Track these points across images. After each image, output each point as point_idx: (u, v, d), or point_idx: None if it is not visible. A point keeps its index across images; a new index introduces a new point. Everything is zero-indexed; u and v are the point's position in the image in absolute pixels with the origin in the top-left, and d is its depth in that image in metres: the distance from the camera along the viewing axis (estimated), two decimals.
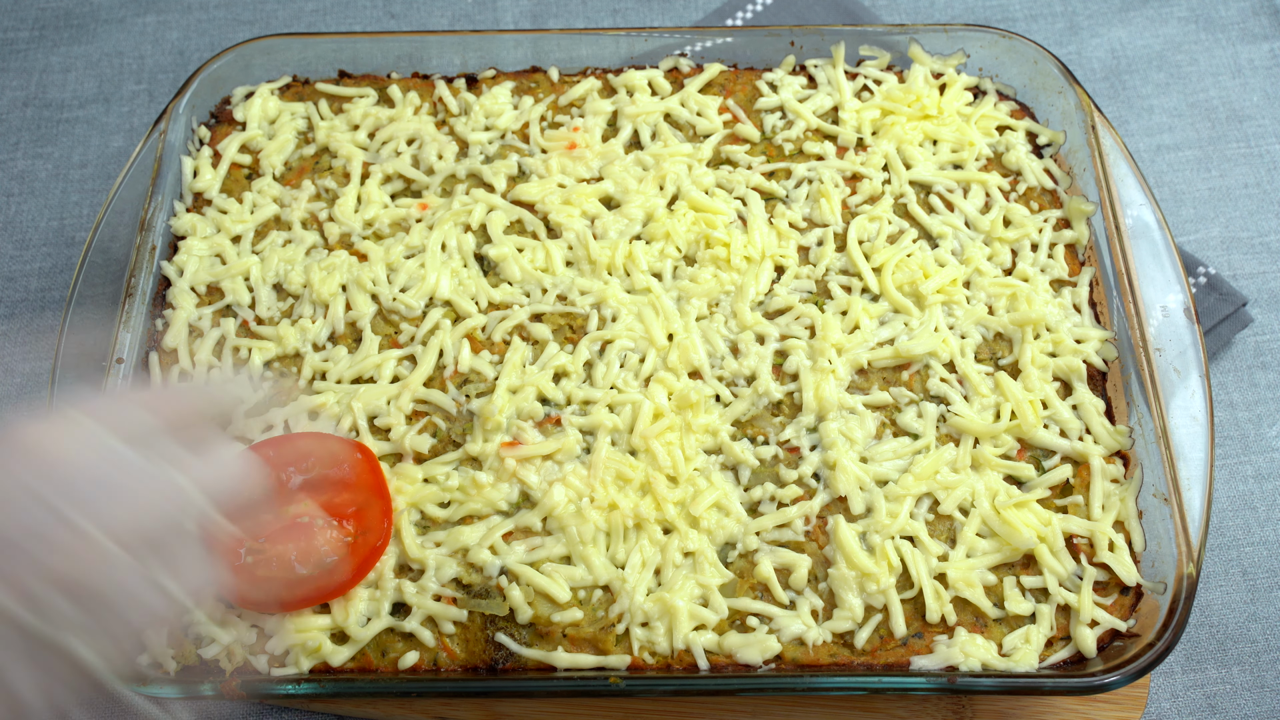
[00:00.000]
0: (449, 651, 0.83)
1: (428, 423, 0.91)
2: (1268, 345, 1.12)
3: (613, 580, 0.84)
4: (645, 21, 1.33)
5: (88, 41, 1.32)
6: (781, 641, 0.82)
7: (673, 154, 1.04)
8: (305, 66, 1.11)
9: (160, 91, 1.28)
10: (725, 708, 0.89)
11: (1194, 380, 0.90)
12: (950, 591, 0.84)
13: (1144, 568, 0.86)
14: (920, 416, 0.91)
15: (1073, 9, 1.33)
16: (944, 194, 1.02)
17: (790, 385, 0.92)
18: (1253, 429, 1.07)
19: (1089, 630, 0.82)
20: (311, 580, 0.82)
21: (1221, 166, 1.22)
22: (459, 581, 0.85)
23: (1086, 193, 1.01)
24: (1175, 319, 0.93)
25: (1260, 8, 1.31)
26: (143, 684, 0.79)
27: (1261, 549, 1.01)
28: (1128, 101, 1.27)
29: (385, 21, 1.33)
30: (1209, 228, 1.18)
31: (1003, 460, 0.89)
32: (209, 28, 1.33)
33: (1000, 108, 1.08)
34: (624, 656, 0.82)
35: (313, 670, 0.82)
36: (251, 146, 1.07)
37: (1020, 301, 0.95)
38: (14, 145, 1.24)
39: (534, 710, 0.90)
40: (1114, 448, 0.90)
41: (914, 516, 0.86)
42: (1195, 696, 0.95)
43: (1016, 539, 0.85)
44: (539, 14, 1.33)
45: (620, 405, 0.90)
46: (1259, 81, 1.27)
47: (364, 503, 0.85)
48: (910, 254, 0.98)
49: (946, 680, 0.79)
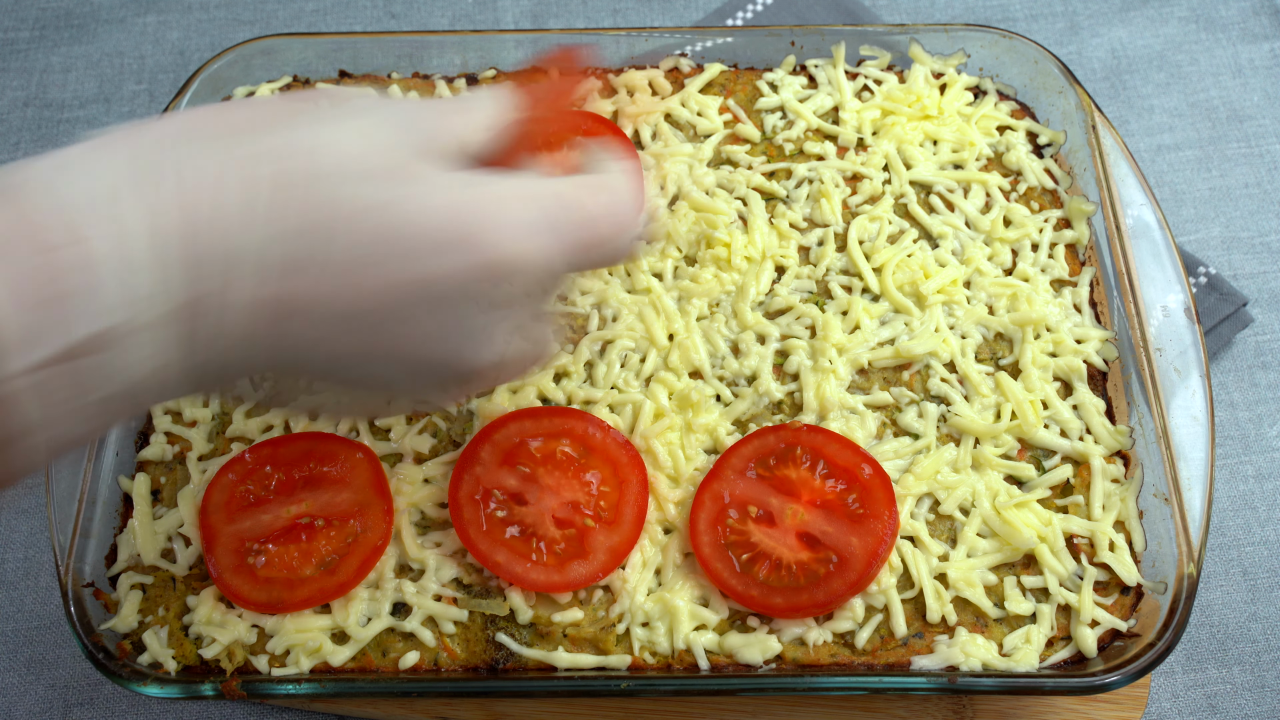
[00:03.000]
0: (449, 651, 0.83)
1: (428, 423, 0.91)
2: (1268, 345, 1.12)
3: (613, 580, 0.84)
4: (645, 21, 1.33)
5: (88, 41, 1.32)
6: (782, 641, 0.82)
7: (673, 154, 1.04)
8: (305, 66, 1.11)
9: (161, 91, 1.28)
10: (726, 707, 0.89)
11: (1194, 380, 0.90)
12: (951, 591, 0.84)
13: (1144, 568, 0.86)
14: (921, 416, 0.91)
15: (1073, 9, 1.33)
16: (944, 194, 1.02)
17: (791, 385, 0.92)
18: (1253, 429, 1.07)
19: (1089, 630, 0.82)
20: (312, 580, 0.82)
21: (1222, 166, 1.22)
22: (459, 581, 0.85)
23: (1087, 193, 1.01)
24: (1176, 319, 0.93)
25: (1260, 8, 1.31)
26: (143, 684, 0.80)
27: (1262, 549, 1.01)
28: (1128, 101, 1.27)
29: (385, 21, 1.33)
30: (1209, 228, 1.18)
31: (1003, 460, 0.89)
32: (209, 28, 1.33)
33: (1001, 108, 1.08)
34: (624, 656, 0.82)
35: (313, 670, 0.82)
36: None
37: (1021, 301, 0.95)
38: (14, 145, 1.24)
39: (534, 710, 0.90)
40: (1114, 448, 0.90)
41: (914, 516, 0.86)
42: (1196, 696, 0.95)
43: (1017, 539, 0.85)
44: (539, 14, 1.33)
45: (621, 405, 0.90)
46: (1259, 81, 1.27)
47: (364, 503, 0.85)
48: (911, 254, 0.98)
49: (947, 680, 0.79)
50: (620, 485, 0.85)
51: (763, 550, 0.82)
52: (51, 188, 0.51)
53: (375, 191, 0.57)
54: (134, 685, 0.80)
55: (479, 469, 0.85)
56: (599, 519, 0.84)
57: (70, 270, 0.50)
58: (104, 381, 0.53)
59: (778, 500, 0.84)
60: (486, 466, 0.85)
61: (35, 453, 0.52)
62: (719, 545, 0.83)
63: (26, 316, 0.49)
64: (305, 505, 0.85)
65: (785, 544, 0.82)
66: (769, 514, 0.84)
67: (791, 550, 0.82)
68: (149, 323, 0.53)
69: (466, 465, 0.85)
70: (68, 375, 0.51)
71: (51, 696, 0.95)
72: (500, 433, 0.87)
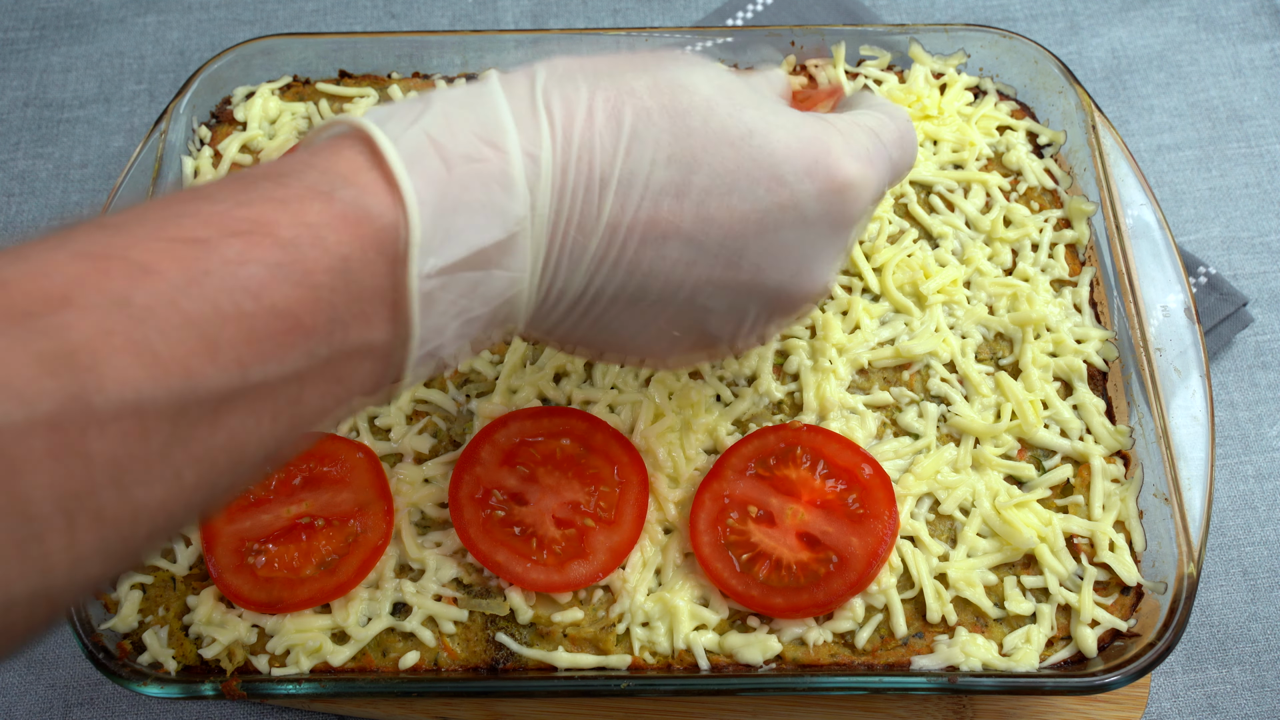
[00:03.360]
0: (449, 651, 0.83)
1: (428, 423, 0.91)
2: (1268, 345, 1.12)
3: (613, 580, 0.84)
4: (645, 21, 1.33)
5: (88, 41, 1.32)
6: (782, 641, 0.82)
7: None
8: (306, 66, 1.11)
9: (161, 91, 1.28)
10: (726, 707, 0.89)
11: (1194, 380, 0.90)
12: (951, 591, 0.84)
13: (1144, 567, 0.86)
14: (921, 416, 0.91)
15: (1073, 9, 1.33)
16: (944, 194, 1.02)
17: (791, 385, 0.92)
18: (1253, 429, 1.07)
19: (1089, 630, 0.82)
20: (312, 580, 0.82)
21: (1222, 166, 1.22)
22: (459, 581, 0.85)
23: (1087, 192, 1.01)
24: (1176, 319, 0.93)
25: (1260, 8, 1.31)
26: (143, 683, 0.80)
27: (1262, 549, 1.01)
28: (1128, 101, 1.27)
29: (385, 21, 1.33)
30: (1209, 227, 1.18)
31: (1003, 460, 0.89)
32: (209, 28, 1.33)
33: (1001, 108, 1.08)
34: (624, 656, 0.82)
35: (313, 670, 0.82)
36: (252, 146, 1.07)
37: (1021, 301, 0.95)
38: (14, 145, 1.24)
39: (534, 710, 0.90)
40: (1114, 447, 0.90)
41: (914, 516, 0.86)
42: (1196, 696, 0.95)
43: (1017, 539, 0.85)
44: (539, 14, 1.33)
45: (621, 405, 0.90)
46: (1259, 81, 1.27)
47: (364, 503, 0.85)
48: (911, 254, 0.98)
49: (947, 680, 0.79)
50: (620, 485, 0.85)
51: (763, 550, 0.82)
52: (448, 116, 0.57)
53: (738, 123, 0.62)
54: (134, 685, 0.80)
55: (479, 469, 0.85)
56: (599, 519, 0.84)
57: (474, 183, 0.55)
58: (476, 301, 0.57)
59: (778, 500, 0.84)
60: (486, 466, 0.85)
61: (397, 369, 0.56)
62: (719, 545, 0.83)
63: (434, 222, 0.53)
64: (305, 505, 0.85)
65: (785, 544, 0.82)
66: (769, 514, 0.84)
67: (791, 550, 0.82)
68: (525, 243, 0.57)
69: (466, 465, 0.85)
70: (453, 287, 0.55)
71: (51, 696, 0.95)
72: (500, 433, 0.87)
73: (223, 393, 0.46)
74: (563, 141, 0.58)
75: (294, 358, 0.49)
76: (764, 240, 0.63)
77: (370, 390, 0.56)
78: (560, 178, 0.58)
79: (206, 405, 0.46)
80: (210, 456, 0.47)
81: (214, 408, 0.46)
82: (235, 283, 0.47)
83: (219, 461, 0.48)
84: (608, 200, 0.59)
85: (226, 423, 0.47)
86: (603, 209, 0.59)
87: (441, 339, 0.57)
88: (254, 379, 0.47)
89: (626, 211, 0.59)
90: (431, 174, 0.54)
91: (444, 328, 0.56)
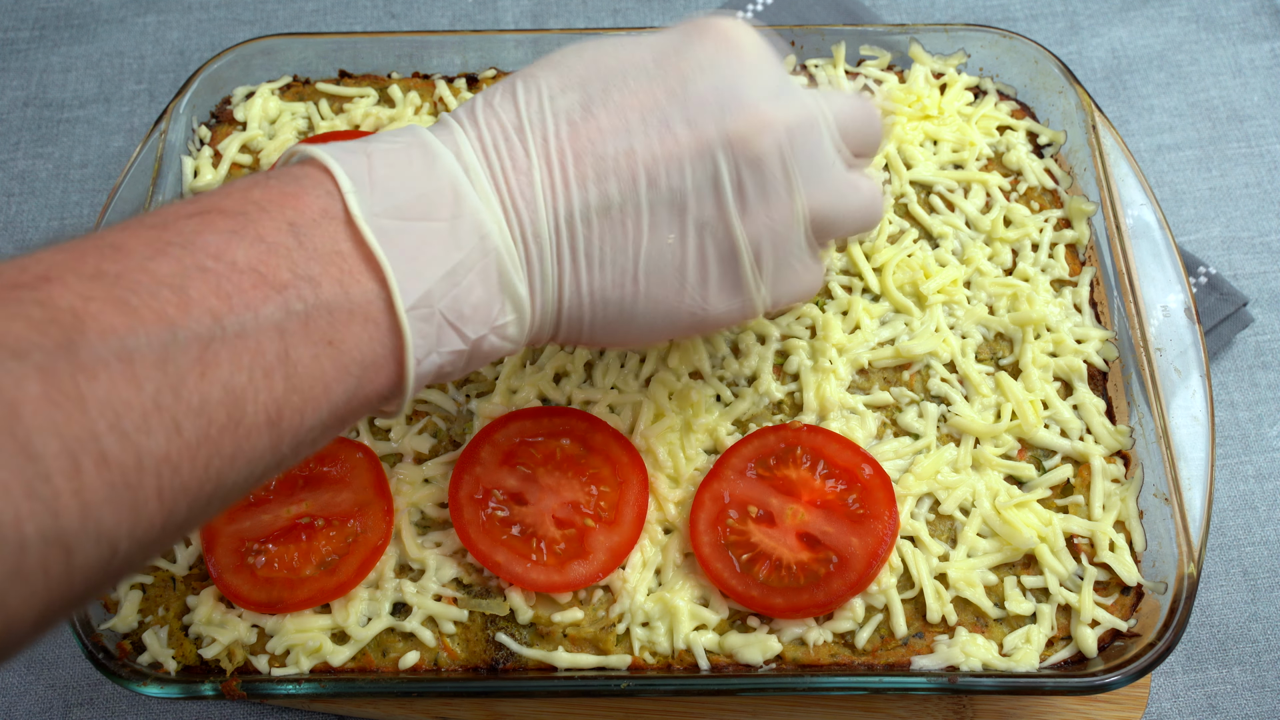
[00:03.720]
0: (449, 651, 0.83)
1: (427, 423, 0.91)
2: (1268, 345, 1.12)
3: (613, 580, 0.84)
4: (646, 21, 1.33)
5: (88, 41, 1.32)
6: (782, 641, 0.82)
7: None
8: (306, 66, 1.11)
9: (160, 91, 1.28)
10: (726, 707, 0.89)
11: (1195, 380, 0.90)
12: (951, 591, 0.84)
13: (1145, 567, 0.86)
14: (921, 416, 0.91)
15: (1073, 9, 1.33)
16: (944, 194, 1.02)
17: (791, 385, 0.92)
18: (1253, 429, 1.07)
19: (1090, 630, 0.82)
20: (312, 580, 0.82)
21: (1222, 166, 1.22)
22: (459, 581, 0.85)
23: (1087, 192, 1.01)
24: (1176, 319, 0.93)
25: (1261, 8, 1.31)
26: (143, 683, 0.80)
27: (1262, 549, 1.01)
28: (1128, 101, 1.27)
29: (385, 21, 1.33)
30: (1209, 227, 1.18)
31: (1003, 460, 0.89)
32: (209, 28, 1.33)
33: (1001, 108, 1.08)
34: (624, 656, 0.82)
35: (313, 670, 0.82)
36: (252, 146, 1.07)
37: (1021, 301, 0.95)
38: (14, 145, 1.24)
39: (534, 710, 0.90)
40: (1114, 448, 0.90)
41: (914, 516, 0.86)
42: (1196, 696, 0.95)
43: (1017, 539, 0.85)
44: (539, 14, 1.33)
45: (621, 405, 0.90)
46: (1260, 81, 1.27)
47: (364, 503, 0.85)
48: (911, 254, 0.98)
49: (947, 680, 0.79)
50: (620, 485, 0.85)
51: (763, 550, 0.82)
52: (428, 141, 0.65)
53: (619, 43, 0.71)
54: (134, 685, 0.80)
55: (479, 469, 0.85)
56: (599, 519, 0.84)
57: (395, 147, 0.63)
58: (450, 245, 0.61)
59: (778, 500, 0.84)
60: (486, 466, 0.85)
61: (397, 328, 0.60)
62: (719, 545, 0.83)
63: (364, 176, 0.61)
64: (305, 505, 0.85)
65: (785, 544, 0.82)
66: (769, 514, 0.84)
67: (791, 550, 0.82)
68: (464, 186, 0.63)
69: (466, 465, 0.85)
70: (412, 231, 0.61)
71: (51, 696, 0.95)
72: (500, 433, 0.87)
73: (203, 339, 0.50)
74: (483, 104, 0.66)
75: (267, 310, 0.53)
76: (681, 86, 0.68)
77: (373, 364, 0.59)
78: (478, 142, 0.64)
79: (190, 353, 0.49)
80: (207, 411, 0.50)
81: (198, 356, 0.50)
82: (195, 248, 0.53)
83: (217, 417, 0.50)
84: (528, 136, 0.65)
85: (215, 375, 0.50)
86: (527, 145, 0.64)
87: (427, 284, 0.59)
88: (231, 328, 0.51)
89: (549, 140, 0.65)
90: (353, 147, 0.62)
91: (423, 272, 0.59)
